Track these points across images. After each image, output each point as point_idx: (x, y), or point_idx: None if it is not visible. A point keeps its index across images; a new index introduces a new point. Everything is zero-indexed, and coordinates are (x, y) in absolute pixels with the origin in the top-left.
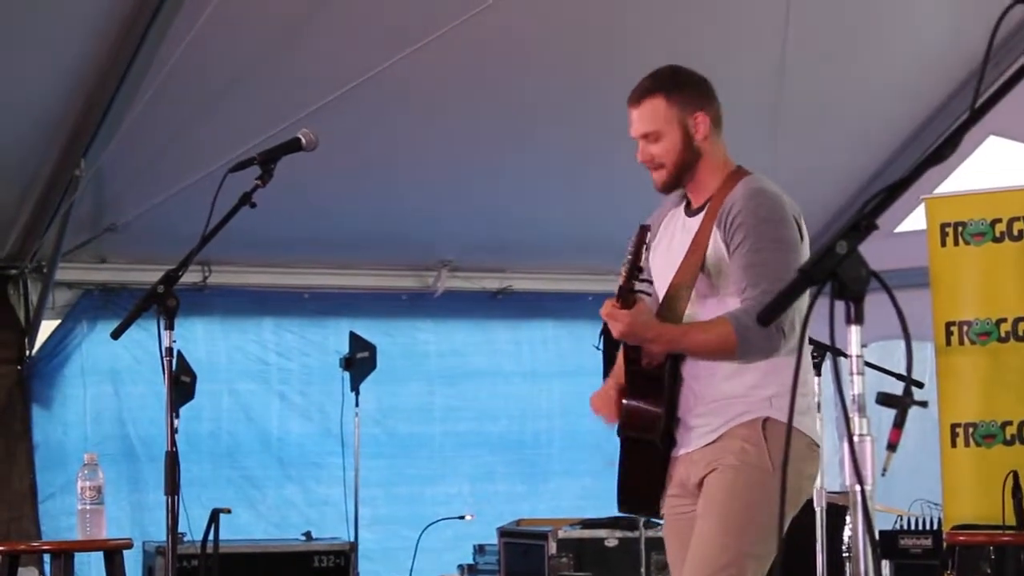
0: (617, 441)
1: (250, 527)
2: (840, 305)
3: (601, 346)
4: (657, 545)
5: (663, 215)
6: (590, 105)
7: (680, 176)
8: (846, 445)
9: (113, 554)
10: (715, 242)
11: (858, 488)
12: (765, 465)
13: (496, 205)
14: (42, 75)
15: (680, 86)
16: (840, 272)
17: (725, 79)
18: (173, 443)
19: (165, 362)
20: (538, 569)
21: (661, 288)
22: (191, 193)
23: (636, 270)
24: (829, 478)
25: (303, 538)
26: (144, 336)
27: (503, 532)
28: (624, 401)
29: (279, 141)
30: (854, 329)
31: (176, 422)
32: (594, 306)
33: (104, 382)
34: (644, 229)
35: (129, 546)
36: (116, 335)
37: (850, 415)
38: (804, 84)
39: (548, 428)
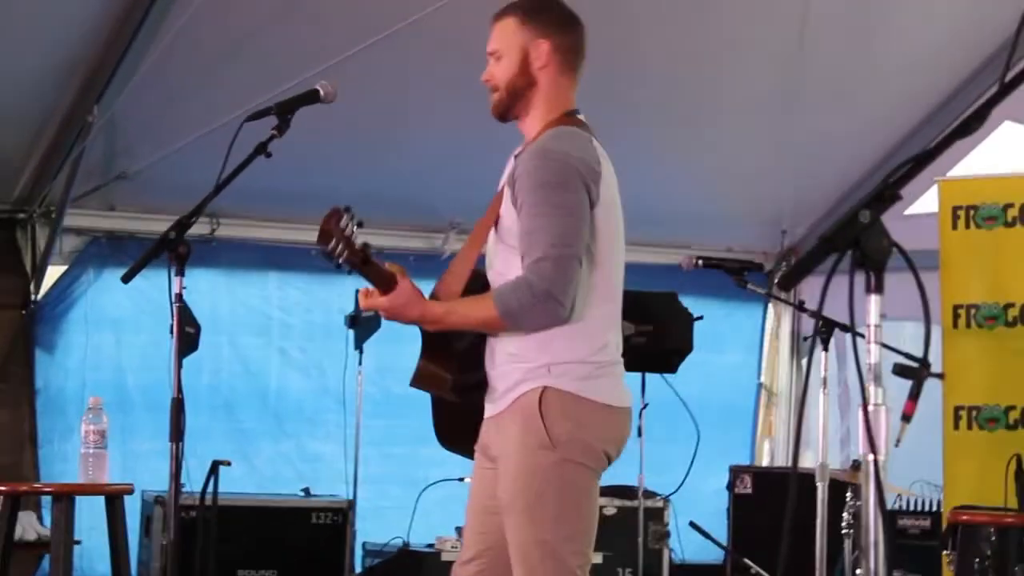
0: None
1: (243, 480)
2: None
3: None
4: (656, 515)
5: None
6: (596, 70)
7: (511, 103)
8: (860, 414)
9: (114, 499)
10: (507, 201)
11: (871, 458)
12: (545, 444)
13: (505, 167)
14: (58, 19)
15: (538, 11)
16: (862, 241)
17: (743, 52)
18: (179, 390)
19: (174, 308)
20: None
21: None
22: (203, 144)
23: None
24: (831, 455)
25: (302, 494)
26: (148, 286)
27: None
28: (420, 361)
29: (294, 94)
30: (873, 298)
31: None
32: None
33: (106, 330)
34: (330, 216)
35: (130, 491)
36: (127, 279)
37: (865, 384)
38: (824, 56)
39: None
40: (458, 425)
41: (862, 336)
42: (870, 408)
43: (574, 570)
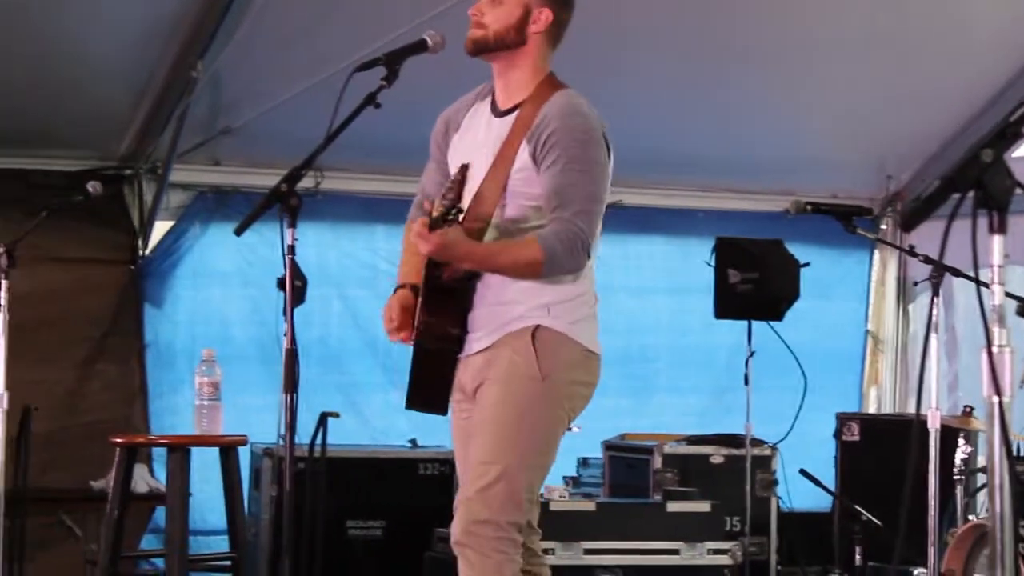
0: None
1: (356, 433)
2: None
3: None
4: (763, 463)
5: (466, 106)
6: (706, 22)
7: (494, 48)
8: (984, 356)
9: (229, 450)
10: (523, 157)
11: (995, 399)
12: (534, 374)
13: (609, 120)
14: None
15: None
16: (985, 181)
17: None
18: (292, 341)
19: (287, 260)
20: (642, 483)
21: (466, 188)
22: (306, 97)
23: (457, 211)
24: (943, 400)
25: (409, 445)
26: (256, 240)
27: (608, 446)
28: (422, 317)
29: (400, 44)
30: (997, 239)
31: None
32: (705, 223)
33: (214, 284)
34: (465, 168)
35: (244, 443)
36: (239, 231)
37: (990, 326)
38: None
39: (655, 344)
40: (436, 379)
41: (974, 280)
42: (994, 350)
43: (521, 500)
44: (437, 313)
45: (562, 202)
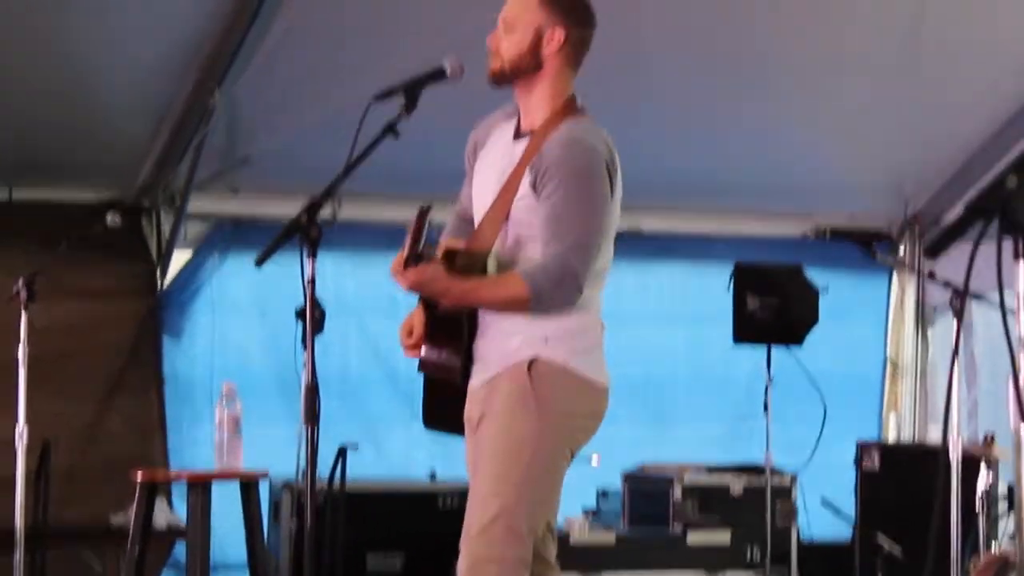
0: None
1: (375, 465)
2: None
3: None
4: (783, 492)
5: (495, 123)
6: (723, 45)
7: (511, 76)
8: (1011, 384)
9: (249, 485)
10: (524, 187)
11: (1023, 428)
12: (531, 407)
13: (626, 144)
14: (176, 5)
15: None
16: (1009, 207)
17: (864, 19)
18: (313, 375)
19: (307, 291)
20: (663, 514)
21: (479, 209)
22: (325, 126)
23: (414, 258)
24: (962, 427)
25: (428, 478)
26: (274, 270)
27: (627, 476)
28: (423, 351)
29: (419, 71)
30: (1022, 264)
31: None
32: (725, 250)
33: (233, 315)
34: (422, 213)
35: (265, 476)
36: (260, 262)
37: (1016, 354)
38: (946, 21)
39: (673, 372)
40: (449, 405)
41: (1000, 307)
42: (1021, 378)
43: (522, 533)
44: (439, 345)
45: (556, 235)
